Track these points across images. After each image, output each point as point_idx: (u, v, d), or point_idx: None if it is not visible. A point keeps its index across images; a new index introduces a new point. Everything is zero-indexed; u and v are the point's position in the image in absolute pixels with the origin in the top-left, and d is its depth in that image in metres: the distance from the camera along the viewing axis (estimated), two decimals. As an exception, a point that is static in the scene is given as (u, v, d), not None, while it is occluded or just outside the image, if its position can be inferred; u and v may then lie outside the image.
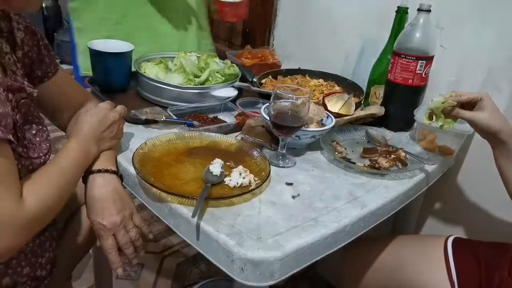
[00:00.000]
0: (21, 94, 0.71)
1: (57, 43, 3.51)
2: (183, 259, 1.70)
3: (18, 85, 0.70)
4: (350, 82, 1.36)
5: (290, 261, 0.70)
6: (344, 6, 1.45)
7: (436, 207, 1.36)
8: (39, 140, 0.76)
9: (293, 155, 0.99)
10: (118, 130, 0.89)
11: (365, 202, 0.85)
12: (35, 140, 0.75)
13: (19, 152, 0.70)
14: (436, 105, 0.89)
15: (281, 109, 0.90)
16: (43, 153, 0.75)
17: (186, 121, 1.04)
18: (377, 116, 1.15)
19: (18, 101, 0.71)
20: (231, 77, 1.24)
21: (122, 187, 0.83)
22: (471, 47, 1.17)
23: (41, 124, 0.78)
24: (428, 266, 1.00)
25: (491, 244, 1.01)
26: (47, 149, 0.77)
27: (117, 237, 0.78)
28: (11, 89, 0.69)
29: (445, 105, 0.88)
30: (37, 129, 0.77)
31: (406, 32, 1.09)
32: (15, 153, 0.68)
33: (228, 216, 0.76)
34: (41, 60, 0.82)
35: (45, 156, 0.76)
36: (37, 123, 0.77)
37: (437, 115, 0.91)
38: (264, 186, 0.85)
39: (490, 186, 1.16)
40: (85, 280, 1.53)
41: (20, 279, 0.76)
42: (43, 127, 0.78)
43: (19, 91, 0.71)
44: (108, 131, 0.86)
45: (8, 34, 0.75)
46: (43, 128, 0.78)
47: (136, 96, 1.21)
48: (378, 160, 0.98)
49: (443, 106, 0.89)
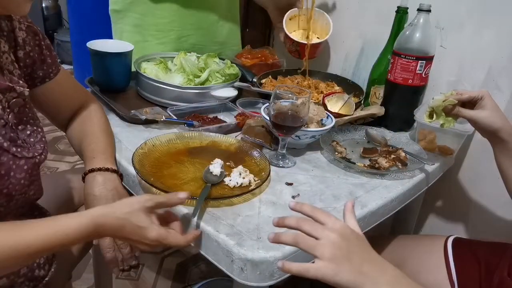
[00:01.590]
0: (11, 93, 0.71)
1: (57, 43, 3.51)
2: (183, 259, 1.70)
3: (6, 85, 0.70)
4: (350, 82, 1.36)
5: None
6: (344, 6, 1.45)
7: (436, 207, 1.36)
8: (33, 140, 0.76)
9: (293, 155, 0.99)
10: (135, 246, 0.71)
11: (365, 202, 0.85)
12: (29, 141, 0.75)
13: (13, 152, 0.69)
14: (437, 103, 0.89)
15: (281, 109, 0.90)
16: (38, 153, 0.75)
17: (186, 121, 1.04)
18: (377, 116, 1.15)
19: (9, 101, 0.71)
20: (231, 77, 1.24)
21: (122, 186, 0.83)
22: (471, 47, 1.17)
23: (36, 125, 0.78)
24: (428, 266, 1.00)
25: (491, 244, 1.01)
26: (42, 150, 0.76)
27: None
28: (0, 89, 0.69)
29: (446, 103, 0.88)
30: (32, 130, 0.76)
31: (406, 32, 1.09)
32: (8, 153, 0.68)
33: (228, 216, 0.76)
34: (43, 61, 0.82)
35: (40, 156, 0.75)
36: (31, 124, 0.77)
37: (438, 113, 0.90)
38: (264, 186, 0.85)
39: (490, 186, 1.16)
40: (85, 280, 1.53)
41: (17, 279, 0.76)
42: (38, 128, 0.78)
43: (9, 90, 0.71)
44: (125, 239, 0.70)
45: (9, 33, 0.74)
46: (38, 129, 0.78)
47: (136, 96, 1.21)
48: (378, 160, 0.98)
49: (444, 104, 0.88)
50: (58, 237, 0.61)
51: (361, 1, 1.41)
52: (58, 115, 0.91)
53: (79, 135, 0.89)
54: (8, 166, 0.68)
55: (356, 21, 1.43)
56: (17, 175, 0.69)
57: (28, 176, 0.72)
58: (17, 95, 0.72)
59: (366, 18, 1.40)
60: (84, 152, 0.86)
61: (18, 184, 0.70)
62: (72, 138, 0.91)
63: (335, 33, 1.37)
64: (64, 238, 0.61)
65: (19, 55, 0.76)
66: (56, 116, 0.91)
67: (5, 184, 0.68)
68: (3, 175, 0.67)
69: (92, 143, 0.87)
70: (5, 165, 0.67)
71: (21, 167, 0.71)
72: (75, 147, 0.91)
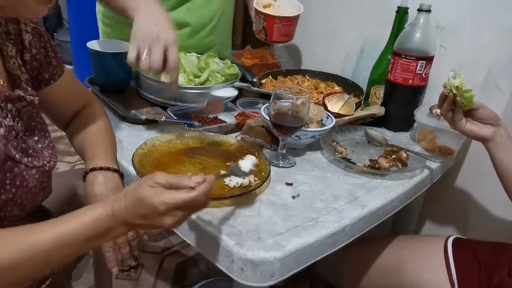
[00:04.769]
0: (21, 103, 0.71)
1: (57, 43, 3.51)
2: (183, 259, 1.70)
3: (16, 95, 0.69)
4: (350, 82, 1.36)
5: (290, 262, 0.70)
6: (344, 6, 1.45)
7: (436, 207, 1.36)
8: (41, 146, 0.75)
9: (293, 155, 0.99)
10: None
11: (365, 202, 0.85)
12: (38, 147, 0.74)
13: (25, 163, 0.68)
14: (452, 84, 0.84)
15: (281, 109, 0.90)
16: (47, 160, 0.74)
17: (186, 121, 1.04)
18: (377, 116, 1.15)
19: (19, 110, 0.71)
20: (231, 77, 1.24)
21: (123, 185, 0.83)
22: (471, 47, 1.17)
23: (44, 130, 0.77)
24: (428, 266, 1.00)
25: (491, 244, 1.02)
26: (50, 156, 0.75)
27: None
28: (10, 99, 0.68)
29: (461, 92, 0.83)
30: (40, 136, 0.76)
31: (406, 32, 1.09)
32: (21, 164, 0.67)
33: (228, 216, 0.76)
34: (49, 63, 0.81)
35: (49, 163, 0.74)
36: (39, 129, 0.76)
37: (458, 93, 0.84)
38: (264, 186, 0.85)
39: (490, 186, 1.16)
40: (85, 280, 1.53)
41: None
42: (46, 133, 0.77)
43: (19, 100, 0.70)
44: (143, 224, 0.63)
45: (16, 36, 0.73)
46: (46, 134, 0.77)
47: (136, 96, 1.21)
48: (378, 160, 0.98)
49: (461, 87, 0.83)
50: (76, 229, 0.59)
51: (361, 1, 1.41)
52: (60, 115, 0.91)
53: (81, 134, 0.89)
54: (22, 177, 0.68)
55: (356, 21, 1.43)
56: (29, 184, 0.69)
57: (39, 184, 0.72)
58: (27, 104, 0.72)
59: (366, 18, 1.40)
60: (85, 151, 0.86)
61: (30, 193, 0.70)
62: (74, 138, 0.91)
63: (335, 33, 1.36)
64: (83, 230, 0.59)
65: (26, 58, 0.76)
66: (58, 117, 0.91)
67: (19, 195, 0.68)
68: (18, 186, 0.67)
69: (94, 143, 0.87)
70: (19, 177, 0.67)
71: (32, 176, 0.70)
72: (76, 147, 0.90)
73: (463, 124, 0.88)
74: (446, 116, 0.89)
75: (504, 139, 0.88)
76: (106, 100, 1.12)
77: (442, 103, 0.88)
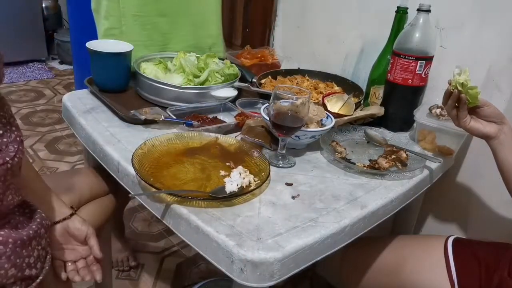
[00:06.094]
0: None
1: (57, 43, 3.51)
2: (183, 259, 1.70)
3: None
4: (350, 82, 1.36)
5: (289, 262, 0.70)
6: (344, 6, 1.45)
7: (436, 207, 1.36)
8: (6, 141, 0.69)
9: (293, 155, 0.99)
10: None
11: (365, 202, 0.85)
12: (2, 141, 0.69)
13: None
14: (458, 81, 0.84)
15: (280, 109, 0.90)
16: (10, 157, 0.68)
17: (185, 121, 1.04)
18: (376, 116, 1.15)
19: None
20: (231, 77, 1.24)
21: None
22: (471, 47, 1.17)
23: (10, 124, 0.71)
24: (428, 266, 1.00)
25: (491, 244, 1.01)
26: (15, 151, 0.69)
27: None
28: None
29: (467, 88, 0.83)
30: (5, 130, 0.70)
31: (406, 32, 1.09)
32: None
33: (228, 217, 0.76)
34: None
35: (13, 160, 0.69)
36: (4, 123, 0.70)
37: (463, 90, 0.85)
38: (264, 187, 0.85)
39: (490, 186, 1.16)
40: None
41: (6, 280, 0.74)
42: (12, 126, 0.71)
43: None
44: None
45: None
46: (12, 128, 0.71)
47: (135, 96, 1.21)
48: (378, 160, 0.98)
49: (466, 83, 0.83)
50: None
51: (361, 1, 1.41)
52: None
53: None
54: None
55: (356, 21, 1.43)
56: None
57: (1, 184, 0.67)
58: None
59: (366, 18, 1.40)
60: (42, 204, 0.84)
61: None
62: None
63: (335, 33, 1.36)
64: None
65: None
66: None
67: None
68: None
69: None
70: None
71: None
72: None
73: (467, 121, 0.87)
74: (451, 113, 0.89)
75: (508, 137, 0.87)
76: (106, 100, 1.12)
77: (446, 100, 0.88)
